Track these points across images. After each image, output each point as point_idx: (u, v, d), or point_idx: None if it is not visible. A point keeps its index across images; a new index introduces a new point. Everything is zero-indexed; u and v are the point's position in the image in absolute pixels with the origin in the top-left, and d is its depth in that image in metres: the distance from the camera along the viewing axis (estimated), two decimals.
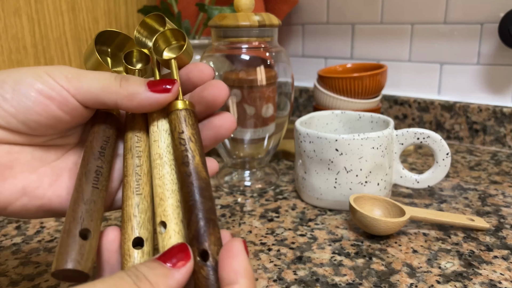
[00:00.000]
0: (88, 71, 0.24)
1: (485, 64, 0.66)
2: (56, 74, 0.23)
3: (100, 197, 0.23)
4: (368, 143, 0.41)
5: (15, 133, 0.23)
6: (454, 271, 0.33)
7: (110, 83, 0.23)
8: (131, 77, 0.24)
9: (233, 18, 0.44)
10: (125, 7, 0.79)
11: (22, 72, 0.23)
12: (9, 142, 0.23)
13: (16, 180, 0.23)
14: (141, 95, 0.23)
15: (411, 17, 0.71)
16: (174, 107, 0.25)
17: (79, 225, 0.21)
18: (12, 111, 0.22)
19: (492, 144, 0.66)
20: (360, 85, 0.60)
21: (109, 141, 0.25)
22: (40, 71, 0.23)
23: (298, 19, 0.84)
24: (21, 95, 0.22)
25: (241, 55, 0.47)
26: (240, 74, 0.48)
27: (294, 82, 0.52)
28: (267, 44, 0.47)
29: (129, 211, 0.23)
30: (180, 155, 0.23)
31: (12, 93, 0.22)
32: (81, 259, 0.20)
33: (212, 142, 0.27)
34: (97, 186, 0.23)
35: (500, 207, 0.45)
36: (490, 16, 0.64)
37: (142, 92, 0.23)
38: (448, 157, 0.43)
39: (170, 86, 0.24)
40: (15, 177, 0.23)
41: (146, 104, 0.24)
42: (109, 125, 0.26)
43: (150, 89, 0.24)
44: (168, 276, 0.19)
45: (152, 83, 0.24)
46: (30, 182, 0.23)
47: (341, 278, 0.33)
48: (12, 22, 0.62)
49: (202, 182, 0.22)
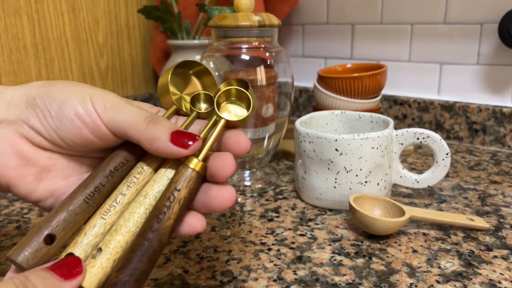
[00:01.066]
0: (128, 104, 0.25)
1: (484, 64, 0.66)
2: (98, 100, 0.25)
3: (85, 212, 0.23)
4: (368, 143, 0.41)
5: (55, 145, 0.25)
6: (454, 271, 0.33)
7: (138, 121, 0.24)
8: (161, 120, 0.24)
9: (233, 18, 0.44)
10: (125, 7, 0.79)
11: (72, 91, 0.25)
12: (51, 150, 0.26)
13: (50, 182, 0.26)
14: (161, 142, 0.23)
15: (411, 17, 0.71)
16: (188, 162, 0.24)
17: (49, 229, 0.22)
18: (54, 127, 0.25)
19: (492, 144, 0.66)
20: (360, 85, 0.60)
21: (126, 165, 0.26)
22: (85, 95, 0.25)
23: (298, 19, 0.84)
24: (63, 115, 0.24)
25: (241, 55, 0.47)
26: (240, 74, 0.48)
27: (294, 82, 0.52)
28: (267, 44, 0.47)
29: (85, 228, 0.23)
30: (159, 207, 0.23)
31: (57, 111, 0.24)
32: (31, 260, 0.21)
33: (202, 208, 0.25)
34: (88, 202, 0.24)
35: (500, 207, 0.45)
36: (490, 16, 0.64)
37: (163, 140, 0.23)
38: (448, 157, 0.43)
39: (191, 142, 0.23)
40: (50, 179, 0.26)
41: (163, 152, 0.24)
42: (134, 151, 0.26)
43: (172, 139, 0.23)
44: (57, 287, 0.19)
45: (176, 134, 0.24)
46: (60, 187, 0.26)
47: (341, 278, 0.33)
48: (12, 22, 0.62)
49: (158, 245, 0.22)
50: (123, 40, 0.79)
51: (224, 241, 0.39)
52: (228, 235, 0.40)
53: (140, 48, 0.83)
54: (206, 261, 0.35)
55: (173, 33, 0.73)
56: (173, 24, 0.71)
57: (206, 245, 0.38)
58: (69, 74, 0.71)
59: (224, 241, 0.39)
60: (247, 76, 0.47)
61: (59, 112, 0.24)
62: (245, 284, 0.32)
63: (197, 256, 0.36)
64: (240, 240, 0.39)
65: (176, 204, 0.23)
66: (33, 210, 0.46)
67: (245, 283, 0.32)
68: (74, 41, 0.71)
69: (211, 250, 0.37)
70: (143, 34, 0.84)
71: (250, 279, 0.33)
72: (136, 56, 0.83)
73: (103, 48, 0.76)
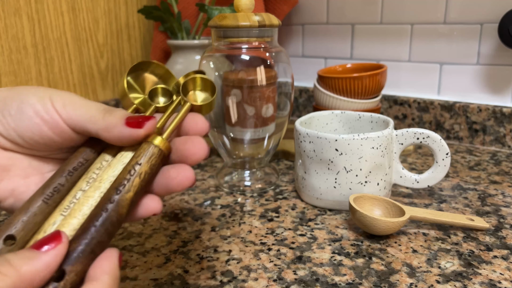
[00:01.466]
0: (86, 101, 0.25)
1: (484, 64, 0.66)
2: (57, 99, 0.25)
3: (45, 213, 0.24)
4: (368, 143, 0.41)
5: (15, 144, 0.25)
6: (454, 271, 0.33)
7: (95, 114, 0.25)
8: (117, 110, 0.25)
9: (233, 18, 0.44)
10: (125, 7, 0.79)
11: (32, 92, 0.25)
12: (11, 149, 0.26)
13: (9, 181, 0.26)
14: (117, 128, 0.24)
15: (411, 17, 0.71)
16: (151, 139, 0.24)
17: (9, 231, 0.22)
18: (13, 126, 0.25)
19: (492, 144, 0.66)
20: (360, 85, 0.60)
21: (85, 164, 0.26)
22: (45, 95, 0.25)
23: (298, 19, 0.84)
24: (22, 114, 0.25)
25: (241, 55, 0.47)
26: (240, 74, 0.48)
27: (294, 82, 0.52)
28: (267, 44, 0.47)
29: (45, 226, 0.23)
30: (119, 180, 0.23)
31: (16, 110, 0.24)
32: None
33: (161, 190, 0.25)
34: (48, 202, 0.24)
35: (500, 207, 0.45)
36: (490, 16, 0.64)
37: (118, 125, 0.24)
38: (448, 157, 0.43)
39: (144, 121, 0.24)
40: (9, 179, 0.26)
41: (121, 137, 0.24)
42: (94, 150, 0.26)
43: (127, 123, 0.24)
44: (33, 259, 0.19)
45: (130, 118, 0.24)
46: (19, 186, 0.26)
47: (341, 278, 0.33)
48: (12, 22, 0.62)
49: (116, 216, 0.22)
50: (123, 40, 0.79)
51: (224, 241, 0.39)
52: (228, 235, 0.40)
53: (140, 48, 0.83)
54: (206, 261, 0.35)
55: (173, 33, 0.73)
56: (173, 24, 0.71)
57: (206, 245, 0.38)
58: (69, 74, 0.71)
59: (224, 241, 0.39)
60: (247, 76, 0.47)
61: (18, 111, 0.24)
62: (245, 284, 0.32)
63: (197, 256, 0.36)
64: (240, 240, 0.39)
65: (136, 177, 0.23)
66: None
67: (245, 283, 0.32)
68: (74, 41, 0.71)
69: (211, 250, 0.37)
70: (143, 34, 0.84)
71: (250, 279, 0.33)
72: (136, 56, 0.83)
73: (103, 48, 0.76)
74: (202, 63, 0.49)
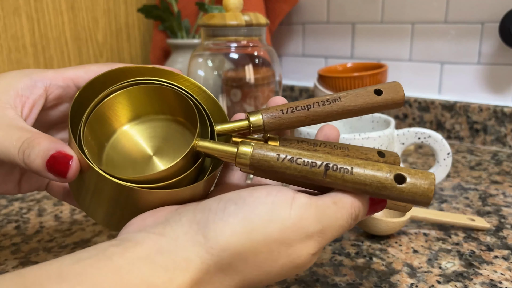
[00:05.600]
0: (8, 129, 0.24)
1: (485, 63, 0.66)
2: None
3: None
4: (369, 142, 0.41)
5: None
6: (455, 271, 0.33)
7: (10, 147, 0.23)
8: (37, 144, 0.23)
9: (221, 18, 0.44)
10: (124, 6, 0.79)
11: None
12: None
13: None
14: (40, 173, 0.23)
15: (412, 17, 0.71)
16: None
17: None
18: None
19: (493, 144, 0.66)
20: (361, 85, 0.60)
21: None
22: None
23: (298, 19, 0.84)
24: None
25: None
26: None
27: (282, 80, 0.52)
28: (256, 43, 0.48)
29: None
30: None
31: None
32: None
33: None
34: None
35: (501, 207, 0.44)
36: (491, 16, 0.64)
37: (42, 171, 0.23)
38: (449, 157, 0.43)
39: (67, 167, 0.22)
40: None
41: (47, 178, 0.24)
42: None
43: (49, 168, 0.22)
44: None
45: (52, 159, 0.22)
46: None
47: (342, 278, 0.32)
48: (11, 21, 0.62)
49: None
50: (122, 39, 0.79)
51: None
52: None
53: (139, 47, 0.83)
54: None
55: (172, 32, 0.73)
56: (173, 23, 0.71)
57: None
58: None
59: None
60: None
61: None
62: None
63: None
64: None
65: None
66: (32, 210, 0.45)
67: None
68: (73, 40, 0.71)
69: None
70: (143, 33, 0.83)
71: None
72: (135, 55, 0.83)
73: (102, 47, 0.76)
74: (192, 62, 0.49)
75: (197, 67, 0.49)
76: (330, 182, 0.23)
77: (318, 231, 0.22)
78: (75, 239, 0.39)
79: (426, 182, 0.22)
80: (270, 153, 0.23)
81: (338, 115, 0.26)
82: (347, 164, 0.23)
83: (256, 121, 0.25)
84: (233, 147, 0.24)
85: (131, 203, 0.24)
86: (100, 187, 0.24)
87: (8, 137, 0.23)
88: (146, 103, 0.27)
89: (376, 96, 0.27)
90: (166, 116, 0.28)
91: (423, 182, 0.22)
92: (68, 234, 0.40)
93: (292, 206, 0.21)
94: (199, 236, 0.21)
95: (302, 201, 0.22)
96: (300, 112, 0.26)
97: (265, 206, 0.21)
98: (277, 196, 0.22)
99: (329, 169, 0.23)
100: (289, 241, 0.21)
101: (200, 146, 0.25)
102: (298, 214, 0.21)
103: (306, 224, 0.21)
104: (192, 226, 0.21)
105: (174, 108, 0.27)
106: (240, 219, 0.21)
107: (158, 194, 0.23)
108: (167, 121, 0.28)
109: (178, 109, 0.27)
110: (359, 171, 0.23)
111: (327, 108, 0.26)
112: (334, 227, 0.22)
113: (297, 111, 0.26)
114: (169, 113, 0.28)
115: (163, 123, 0.28)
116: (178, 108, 0.27)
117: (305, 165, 0.23)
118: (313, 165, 0.23)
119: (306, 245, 0.21)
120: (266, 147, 0.23)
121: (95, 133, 0.26)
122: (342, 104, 0.26)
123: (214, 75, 0.49)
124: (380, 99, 0.27)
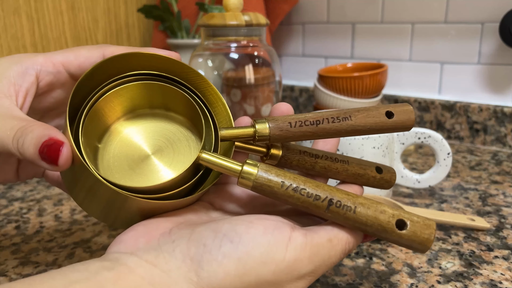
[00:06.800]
0: (4, 118, 0.24)
1: (485, 63, 0.66)
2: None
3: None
4: (369, 143, 0.41)
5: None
6: (455, 271, 0.33)
7: (4, 137, 0.23)
8: (31, 131, 0.22)
9: (220, 18, 0.44)
10: (124, 6, 0.79)
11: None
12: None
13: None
14: (35, 162, 0.22)
15: (412, 17, 0.71)
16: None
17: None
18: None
19: (493, 144, 0.66)
20: (361, 85, 0.60)
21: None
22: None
23: (298, 18, 0.84)
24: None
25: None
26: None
27: (282, 80, 0.52)
28: (256, 43, 0.47)
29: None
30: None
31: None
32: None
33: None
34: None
35: (501, 207, 0.44)
36: (491, 16, 0.64)
37: (36, 159, 0.22)
38: (449, 157, 0.43)
39: (58, 153, 0.22)
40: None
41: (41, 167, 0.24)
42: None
43: (41, 157, 0.22)
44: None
45: (44, 147, 0.22)
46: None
47: (341, 278, 0.32)
48: (11, 21, 0.62)
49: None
50: (122, 39, 0.79)
51: None
52: None
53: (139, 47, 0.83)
54: None
55: (172, 32, 0.73)
56: (173, 24, 0.71)
57: None
58: None
59: None
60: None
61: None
62: None
63: None
64: None
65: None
66: (32, 210, 0.45)
67: None
68: (73, 41, 0.71)
69: None
70: (143, 33, 0.83)
71: None
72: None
73: None
74: (192, 62, 0.49)
75: (197, 67, 0.49)
76: (331, 217, 0.23)
77: (310, 271, 0.22)
78: (75, 239, 0.39)
79: (426, 232, 0.22)
80: (275, 179, 0.23)
81: (346, 133, 0.26)
82: (351, 202, 0.23)
83: (262, 131, 0.25)
84: (238, 165, 0.24)
85: (127, 208, 0.24)
86: (96, 189, 0.23)
87: (3, 127, 0.23)
88: (149, 98, 0.27)
89: (387, 119, 0.26)
90: (170, 114, 0.27)
91: (424, 232, 0.22)
92: (68, 234, 0.40)
93: (288, 248, 0.21)
94: (192, 274, 0.21)
95: (298, 242, 0.22)
96: (309, 127, 0.25)
97: (261, 247, 0.21)
98: (274, 235, 0.21)
99: (332, 204, 0.23)
100: (281, 283, 0.21)
101: (204, 159, 0.24)
102: (293, 256, 0.21)
103: (299, 266, 0.21)
104: (186, 261, 0.21)
105: (179, 107, 0.27)
106: (235, 261, 0.21)
107: (154, 204, 0.23)
108: (170, 120, 0.27)
109: (183, 109, 0.27)
110: (361, 211, 0.23)
111: (336, 126, 0.26)
112: (327, 265, 0.22)
113: (305, 126, 0.25)
114: (174, 111, 0.27)
115: (166, 122, 0.27)
116: (183, 108, 0.27)
117: (308, 196, 0.23)
118: (316, 198, 0.23)
119: (296, 285, 0.22)
120: (271, 171, 0.23)
121: (93, 128, 0.25)
122: (352, 124, 0.26)
123: (214, 75, 0.49)
124: (390, 122, 0.26)
